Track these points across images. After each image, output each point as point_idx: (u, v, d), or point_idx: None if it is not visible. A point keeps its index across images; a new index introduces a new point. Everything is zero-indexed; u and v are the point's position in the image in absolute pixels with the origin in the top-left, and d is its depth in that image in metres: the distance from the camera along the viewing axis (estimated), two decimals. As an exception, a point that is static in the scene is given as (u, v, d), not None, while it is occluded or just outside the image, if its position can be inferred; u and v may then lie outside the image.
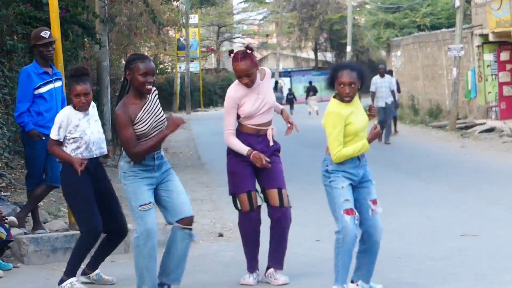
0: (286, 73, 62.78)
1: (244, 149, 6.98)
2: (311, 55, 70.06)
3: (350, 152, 6.34)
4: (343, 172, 6.37)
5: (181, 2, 35.76)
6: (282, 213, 7.05)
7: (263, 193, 7.11)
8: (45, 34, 8.61)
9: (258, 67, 7.06)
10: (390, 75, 23.65)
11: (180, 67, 49.64)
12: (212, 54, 64.08)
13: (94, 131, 7.05)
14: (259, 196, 7.14)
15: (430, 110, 32.07)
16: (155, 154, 6.48)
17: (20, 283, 7.37)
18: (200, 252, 8.62)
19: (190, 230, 6.58)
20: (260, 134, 7.07)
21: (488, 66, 27.20)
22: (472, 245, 8.48)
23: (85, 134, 6.98)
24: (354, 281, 6.54)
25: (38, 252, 8.07)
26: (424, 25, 41.27)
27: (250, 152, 6.95)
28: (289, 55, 70.57)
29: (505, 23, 24.64)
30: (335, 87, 6.41)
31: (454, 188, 12.94)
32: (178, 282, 6.67)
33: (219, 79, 57.23)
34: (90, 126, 7.05)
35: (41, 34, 8.60)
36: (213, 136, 25.13)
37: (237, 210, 7.15)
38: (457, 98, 26.52)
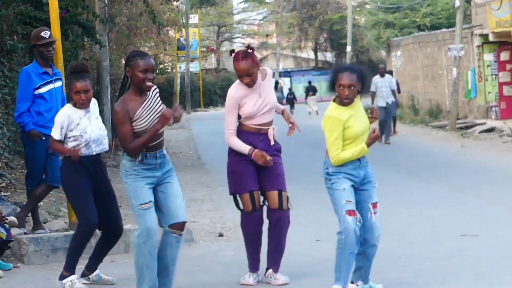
0: (286, 73, 62.77)
1: (246, 148, 6.97)
2: (311, 55, 70.04)
3: (349, 156, 6.34)
4: (344, 173, 6.37)
5: (181, 2, 35.74)
6: (281, 215, 7.03)
7: (263, 194, 7.10)
8: (45, 34, 8.61)
9: (259, 66, 7.05)
10: (390, 75, 23.65)
11: (180, 67, 49.62)
12: (212, 54, 64.09)
13: (95, 128, 7.04)
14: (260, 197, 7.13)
15: (430, 110, 32.07)
16: (157, 153, 6.44)
17: (20, 283, 7.36)
18: (200, 252, 8.62)
19: (180, 236, 6.54)
20: (261, 133, 7.07)
21: (488, 66, 27.20)
22: (472, 245, 8.48)
23: (86, 133, 6.98)
24: (354, 281, 6.55)
25: (38, 252, 8.06)
26: (424, 25, 41.28)
27: (252, 150, 6.94)
28: (289, 55, 70.54)
29: (505, 23, 24.64)
30: (335, 89, 6.42)
31: (454, 188, 12.94)
32: (169, 286, 6.63)
33: (219, 79, 57.23)
34: (91, 123, 7.04)
35: (41, 34, 8.60)
36: (213, 136, 25.14)
37: (239, 210, 7.14)
38: (457, 98, 26.52)
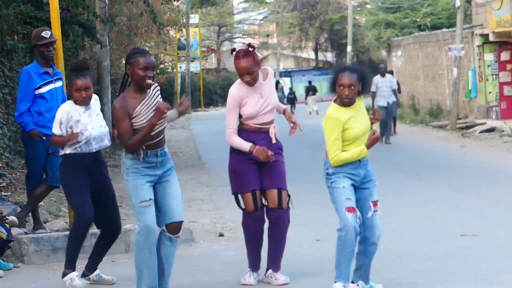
0: (287, 73, 62.77)
1: (247, 145, 6.96)
2: (312, 55, 70.00)
3: (348, 157, 6.35)
4: (344, 173, 6.39)
5: (181, 2, 35.73)
6: (280, 214, 7.03)
7: (263, 193, 7.10)
8: (46, 34, 8.61)
9: (260, 65, 7.05)
10: (391, 75, 23.64)
11: (180, 67, 49.59)
12: (213, 54, 64.08)
13: (96, 125, 7.04)
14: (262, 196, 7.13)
15: (431, 110, 32.07)
16: (158, 151, 6.44)
17: (20, 283, 7.37)
18: (200, 252, 8.62)
19: (176, 237, 6.54)
20: (262, 131, 7.07)
21: (488, 66, 27.20)
22: (472, 245, 8.48)
23: (86, 130, 6.98)
24: (354, 281, 6.55)
25: (38, 252, 8.06)
26: (424, 25, 41.31)
27: (253, 147, 6.94)
28: (290, 55, 70.51)
29: (505, 23, 24.64)
30: (336, 90, 6.42)
31: (454, 188, 12.94)
32: (164, 287, 6.62)
33: (219, 79, 57.23)
34: (92, 120, 7.05)
35: (42, 34, 8.60)
36: (213, 136, 25.13)
37: (241, 209, 7.14)
38: (458, 98, 26.51)
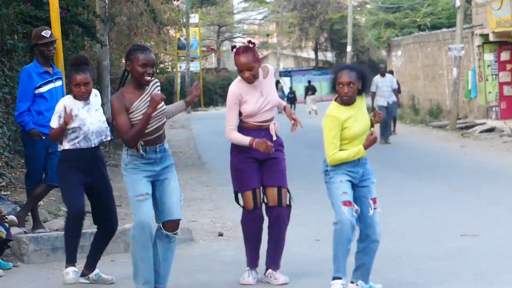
0: (287, 73, 62.75)
1: (246, 139, 6.96)
2: (312, 54, 69.99)
3: (345, 156, 6.36)
4: (343, 170, 6.40)
5: (181, 1, 35.75)
6: (280, 212, 7.03)
7: (263, 190, 7.11)
8: (46, 33, 8.61)
9: (260, 62, 7.06)
10: (391, 74, 23.62)
11: (180, 67, 49.62)
12: (213, 54, 64.10)
13: (94, 120, 7.03)
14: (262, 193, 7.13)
15: (431, 110, 32.07)
16: (157, 147, 6.44)
17: (20, 282, 7.36)
18: (200, 252, 8.62)
19: (174, 235, 6.54)
20: (262, 129, 7.07)
21: (488, 66, 27.20)
22: (472, 245, 8.48)
23: (84, 125, 6.98)
24: (353, 281, 6.54)
25: (38, 251, 8.06)
26: (424, 25, 41.30)
27: (253, 140, 6.93)
28: (290, 55, 70.51)
29: (505, 23, 24.63)
30: (336, 89, 6.43)
31: (454, 188, 12.93)
32: (164, 285, 6.63)
33: (219, 78, 57.22)
34: (91, 115, 7.04)
35: (42, 33, 8.60)
36: (213, 136, 25.12)
37: (240, 207, 7.14)
38: (457, 98, 26.51)
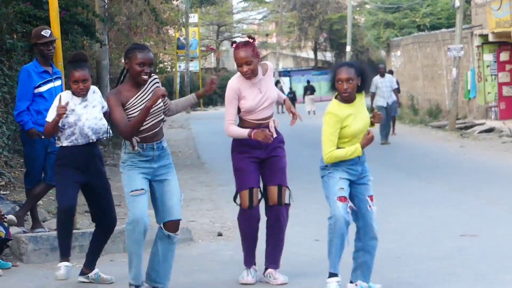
0: (286, 73, 62.75)
1: (245, 131, 6.97)
2: (311, 54, 70.02)
3: (342, 155, 6.36)
4: (342, 167, 6.40)
5: (181, 1, 35.75)
6: (280, 211, 7.05)
7: (264, 189, 7.12)
8: (46, 33, 8.59)
9: (259, 58, 7.07)
10: (391, 74, 23.61)
11: (179, 66, 49.65)
12: (212, 54, 64.13)
13: (90, 117, 7.01)
14: (260, 193, 7.13)
15: (430, 110, 32.08)
16: (155, 144, 6.47)
17: (19, 282, 7.35)
18: (199, 252, 8.61)
19: (174, 235, 6.55)
20: (262, 126, 7.07)
21: (487, 66, 27.20)
22: (472, 245, 8.47)
23: (79, 120, 6.96)
24: (352, 281, 6.53)
25: (37, 250, 8.05)
26: (424, 25, 41.30)
27: (251, 131, 6.93)
28: (289, 55, 70.54)
29: (505, 23, 24.63)
30: (336, 86, 6.43)
31: (454, 188, 12.93)
32: (164, 285, 6.63)
33: (218, 78, 57.13)
34: (87, 111, 7.03)
35: (42, 33, 8.59)
36: (212, 135, 25.12)
37: (237, 205, 7.16)
38: (457, 98, 26.52)
